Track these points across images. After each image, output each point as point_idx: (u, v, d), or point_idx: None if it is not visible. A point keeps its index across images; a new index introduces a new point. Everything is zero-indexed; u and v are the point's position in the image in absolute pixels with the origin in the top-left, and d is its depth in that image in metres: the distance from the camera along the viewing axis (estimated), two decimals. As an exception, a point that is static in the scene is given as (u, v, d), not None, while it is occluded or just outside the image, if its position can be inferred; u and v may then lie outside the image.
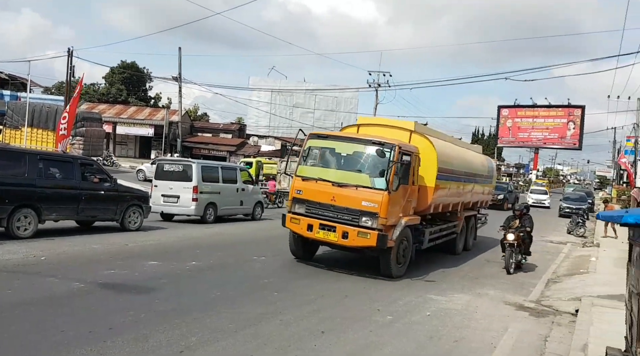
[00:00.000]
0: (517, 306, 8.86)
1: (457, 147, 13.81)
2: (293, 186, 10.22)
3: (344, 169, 9.86)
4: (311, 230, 9.70)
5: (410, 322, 7.22)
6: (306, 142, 10.34)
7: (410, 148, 10.26)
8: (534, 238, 19.12)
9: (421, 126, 12.28)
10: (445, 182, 11.59)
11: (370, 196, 9.30)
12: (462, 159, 13.15)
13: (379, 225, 9.21)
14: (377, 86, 44.20)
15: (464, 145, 15.74)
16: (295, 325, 6.55)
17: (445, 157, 11.51)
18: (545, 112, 60.31)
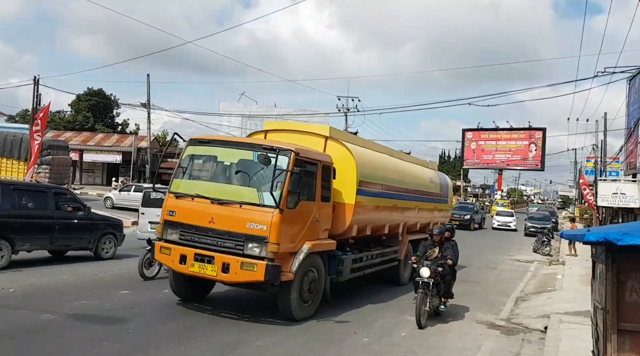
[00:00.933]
0: (489, 324, 9.07)
1: (392, 159, 11.96)
2: (165, 205, 8.13)
3: (228, 183, 8.11)
4: (184, 262, 7.64)
5: (387, 343, 7.31)
6: (185, 150, 8.49)
7: (315, 156, 8.40)
8: (502, 257, 19.75)
9: (339, 131, 10.19)
10: (372, 198, 9.87)
11: (258, 215, 7.37)
12: (398, 173, 11.53)
13: (269, 253, 7.22)
14: (347, 111, 44.84)
15: (408, 158, 14.00)
16: (272, 350, 6.55)
17: (370, 169, 9.84)
18: (508, 135, 62.23)
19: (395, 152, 13.13)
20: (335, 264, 8.79)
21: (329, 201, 8.68)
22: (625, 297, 3.93)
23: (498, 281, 14.28)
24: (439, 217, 14.31)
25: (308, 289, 8.05)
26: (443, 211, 14.90)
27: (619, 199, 19.46)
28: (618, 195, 19.45)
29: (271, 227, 7.28)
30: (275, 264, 7.30)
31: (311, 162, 8.22)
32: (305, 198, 8.02)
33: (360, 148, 10.17)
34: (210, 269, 7.45)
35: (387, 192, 10.59)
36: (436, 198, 14.00)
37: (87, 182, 47.57)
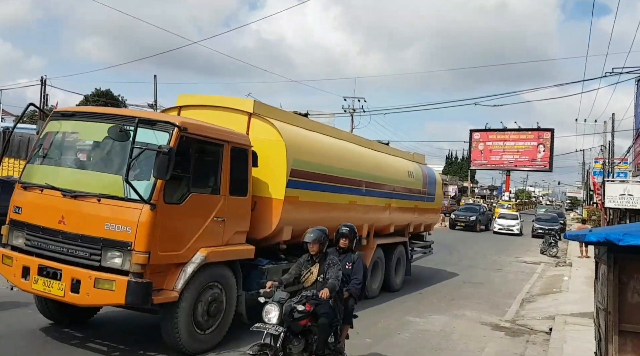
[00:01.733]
0: (493, 326, 9.01)
1: (350, 145, 9.91)
2: (12, 199, 6.21)
3: (86, 169, 6.19)
4: (27, 277, 5.74)
5: (389, 345, 7.28)
6: (45, 127, 6.56)
7: (220, 134, 6.45)
8: (509, 259, 19.65)
9: (267, 107, 7.93)
10: (313, 193, 7.97)
11: (120, 213, 5.51)
12: (358, 163, 9.60)
13: (134, 266, 5.34)
14: (353, 111, 44.82)
15: (380, 148, 11.59)
16: (275, 350, 6.53)
17: (310, 156, 7.92)
18: (516, 136, 61.90)
19: (359, 139, 10.93)
20: (256, 277, 6.82)
21: (246, 194, 6.73)
22: (627, 298, 3.89)
23: (504, 282, 14.19)
24: (423, 218, 12.67)
25: (207, 312, 6.06)
26: (428, 211, 13.02)
27: (626, 200, 19.27)
28: (625, 196, 19.26)
29: (137, 229, 5.37)
30: (144, 282, 5.35)
31: (212, 142, 6.32)
32: (201, 189, 6.18)
33: (296, 129, 8.17)
34: (57, 288, 5.50)
35: (338, 185, 8.70)
36: (418, 195, 12.14)
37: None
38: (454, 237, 27.33)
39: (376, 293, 10.37)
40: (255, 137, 7.13)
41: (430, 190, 12.95)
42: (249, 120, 7.43)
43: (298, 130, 8.24)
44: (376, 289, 10.41)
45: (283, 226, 7.36)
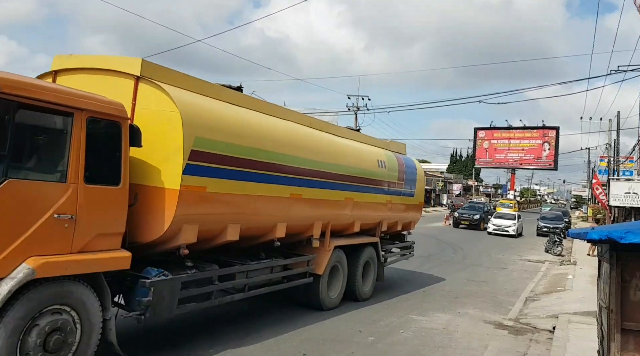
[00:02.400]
0: (497, 324, 8.98)
1: (294, 126, 8.01)
2: None
3: None
4: None
5: (392, 343, 7.27)
6: None
7: (60, 97, 4.76)
8: (513, 258, 19.60)
9: (160, 69, 6.05)
10: (232, 182, 6.27)
11: None
12: (305, 148, 7.84)
13: None
14: (357, 110, 44.81)
15: (342, 132, 9.79)
16: (276, 347, 6.56)
17: (221, 134, 6.16)
18: (521, 134, 61.73)
19: (310, 121, 8.86)
20: (139, 294, 5.34)
21: (117, 183, 5.15)
22: (630, 296, 3.87)
23: (507, 281, 14.15)
24: (399, 216, 10.99)
25: (42, 347, 4.47)
26: (407, 207, 11.22)
27: (631, 198, 19.18)
28: (630, 195, 19.17)
29: None
30: None
31: (52, 109, 4.68)
32: (29, 174, 4.63)
33: (203, 99, 6.36)
34: None
35: (272, 174, 6.96)
36: (392, 189, 10.38)
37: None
38: (457, 235, 27.27)
39: (335, 303, 8.85)
40: (144, 108, 5.65)
41: (409, 184, 11.21)
42: (136, 86, 5.73)
43: (206, 101, 6.36)
44: (335, 298, 8.83)
45: (182, 225, 5.63)
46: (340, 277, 9.07)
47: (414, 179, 11.57)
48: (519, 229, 29.95)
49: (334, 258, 8.74)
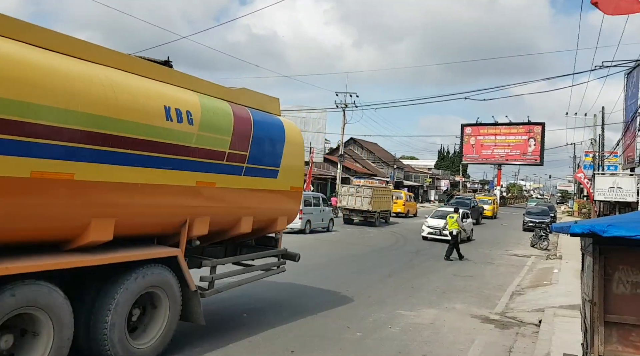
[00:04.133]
0: (483, 318, 9.06)
1: None
2: None
3: None
4: None
5: (380, 338, 7.30)
6: None
7: None
8: (499, 252, 19.77)
9: None
10: None
11: None
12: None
13: None
14: (345, 106, 44.87)
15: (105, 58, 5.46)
16: (265, 345, 6.55)
17: None
18: (507, 130, 62.28)
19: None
20: None
21: None
22: (613, 289, 3.92)
23: (494, 275, 14.27)
24: (242, 208, 7.05)
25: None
26: (264, 196, 7.41)
27: (615, 193, 19.46)
28: (615, 189, 19.45)
29: None
30: None
31: None
32: None
33: None
34: None
35: None
36: (215, 162, 6.42)
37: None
38: (445, 231, 27.42)
39: None
40: None
41: (266, 157, 7.33)
42: None
43: None
44: None
45: None
46: (44, 336, 4.62)
47: (277, 151, 7.63)
48: (467, 232, 22.26)
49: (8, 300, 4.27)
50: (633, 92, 25.03)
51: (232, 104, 6.98)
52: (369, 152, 74.15)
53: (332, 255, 15.72)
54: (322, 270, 12.76)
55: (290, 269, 12.68)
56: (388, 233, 24.31)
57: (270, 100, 8.29)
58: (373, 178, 61.11)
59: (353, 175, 60.34)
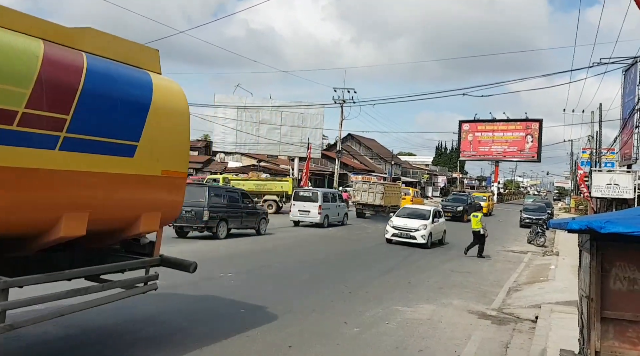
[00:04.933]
0: (480, 314, 9.09)
1: None
2: None
3: None
4: None
5: (377, 333, 7.31)
6: None
7: None
8: (496, 248, 19.79)
9: None
10: None
11: None
12: None
13: None
14: (342, 102, 44.83)
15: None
16: (262, 340, 6.55)
17: None
18: (504, 126, 62.37)
19: None
20: None
21: None
22: (610, 285, 3.93)
23: (491, 271, 14.31)
24: (69, 200, 4.87)
25: None
26: (109, 182, 5.23)
27: (612, 189, 19.52)
28: (612, 186, 19.50)
29: None
30: None
31: None
32: None
33: None
34: None
35: None
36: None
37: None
38: (443, 227, 27.46)
39: None
40: None
41: (106, 123, 5.15)
42: None
43: None
44: None
45: None
46: None
47: (134, 118, 5.48)
48: (437, 234, 19.30)
49: None
50: (630, 89, 25.08)
51: (49, 44, 4.71)
52: (366, 148, 74.21)
53: (333, 250, 15.75)
54: (321, 265, 12.79)
55: (288, 265, 12.73)
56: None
57: (140, 50, 6.03)
58: (370, 174, 61.22)
59: (351, 171, 60.40)
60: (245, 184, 30.51)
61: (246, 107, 46.99)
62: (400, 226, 18.38)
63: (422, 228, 18.01)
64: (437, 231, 19.34)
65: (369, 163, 70.54)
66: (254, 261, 12.76)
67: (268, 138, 47.00)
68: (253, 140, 47.66)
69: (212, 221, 16.50)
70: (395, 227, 18.46)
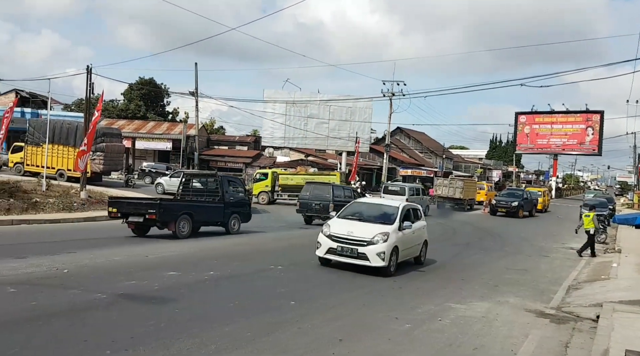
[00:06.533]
0: (538, 313, 8.77)
1: None
2: None
3: None
4: None
5: (429, 330, 7.18)
6: None
7: None
8: (555, 245, 19.07)
9: None
10: None
11: None
12: None
13: None
14: (392, 95, 44.35)
15: None
16: (313, 333, 6.57)
17: None
18: (564, 118, 59.86)
19: None
20: None
21: None
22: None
23: (549, 269, 13.79)
24: None
25: None
26: None
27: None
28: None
29: None
30: None
31: None
32: None
33: None
34: None
35: None
36: None
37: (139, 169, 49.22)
38: (495, 223, 26.76)
39: None
40: None
41: None
42: None
43: None
44: None
45: None
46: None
47: None
48: (409, 249, 11.70)
49: None
50: (703, 77, 23.46)
51: None
52: (416, 141, 73.09)
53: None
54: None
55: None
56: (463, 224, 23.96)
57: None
58: (420, 168, 60.29)
59: (399, 165, 59.69)
60: (293, 178, 30.68)
61: (295, 102, 47.27)
62: (341, 236, 10.60)
63: (381, 239, 10.40)
64: (409, 243, 11.51)
65: (419, 157, 69.47)
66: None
67: (316, 133, 47.11)
68: (301, 135, 47.92)
69: (335, 212, 19.02)
70: (335, 237, 10.65)
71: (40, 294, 7.41)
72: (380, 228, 10.71)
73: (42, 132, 27.95)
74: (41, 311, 6.56)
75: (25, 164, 30.68)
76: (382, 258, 10.30)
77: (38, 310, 6.62)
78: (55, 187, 22.00)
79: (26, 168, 30.30)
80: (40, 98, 47.86)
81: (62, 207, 17.50)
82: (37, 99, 48.89)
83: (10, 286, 7.66)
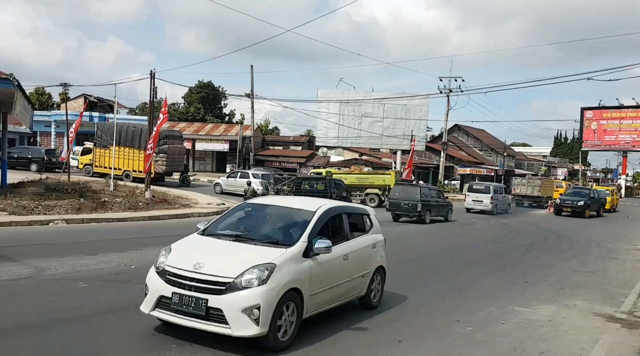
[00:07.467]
0: (608, 317, 8.32)
1: None
2: None
3: None
4: None
5: (492, 333, 6.97)
6: None
7: None
8: (626, 247, 18.07)
9: None
10: None
11: None
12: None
13: None
14: (449, 92, 43.46)
15: None
16: (372, 333, 6.53)
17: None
18: (634, 113, 56.59)
19: None
20: None
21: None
22: None
23: (619, 271, 13.04)
24: None
25: None
26: None
27: None
28: None
29: None
30: None
31: None
32: None
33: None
34: None
35: None
36: None
37: (198, 169, 50.86)
38: (561, 223, 25.66)
39: None
40: None
41: None
42: None
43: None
44: None
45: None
46: None
47: None
48: (334, 290, 6.54)
49: None
50: None
51: None
52: (475, 139, 71.23)
53: (450, 242, 15.35)
54: (435, 259, 12.50)
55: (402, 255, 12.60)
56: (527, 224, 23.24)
57: None
58: (480, 167, 58.69)
59: (457, 163, 58.36)
60: (347, 177, 30.63)
61: (348, 101, 47.22)
62: (182, 273, 5.58)
63: (255, 278, 5.33)
64: (337, 277, 6.59)
65: (478, 155, 67.64)
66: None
67: (370, 131, 46.86)
68: (355, 134, 47.81)
69: (422, 211, 21.88)
70: (171, 274, 5.68)
71: (109, 289, 7.78)
72: (264, 254, 5.65)
73: (109, 135, 29.40)
74: (110, 305, 6.89)
75: (94, 166, 32.39)
76: (254, 319, 5.20)
77: (108, 304, 6.95)
78: (122, 187, 23.04)
79: (95, 170, 31.99)
80: (106, 102, 50.42)
81: (128, 206, 18.28)
82: (104, 104, 51.54)
83: (82, 281, 8.10)
